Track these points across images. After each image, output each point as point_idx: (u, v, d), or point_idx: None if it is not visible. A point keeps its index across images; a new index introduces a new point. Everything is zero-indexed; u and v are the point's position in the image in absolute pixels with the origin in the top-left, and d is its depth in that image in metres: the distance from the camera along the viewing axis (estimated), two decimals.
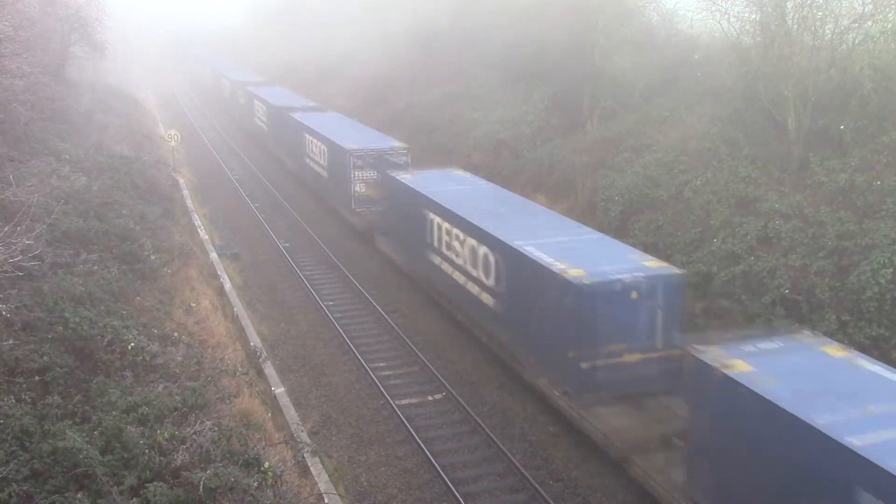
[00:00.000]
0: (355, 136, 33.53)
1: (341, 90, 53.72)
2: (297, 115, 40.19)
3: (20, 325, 14.36)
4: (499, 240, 19.15)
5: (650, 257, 18.02)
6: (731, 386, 11.67)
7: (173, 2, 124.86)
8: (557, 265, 16.85)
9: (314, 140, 36.06)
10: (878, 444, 9.87)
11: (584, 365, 15.99)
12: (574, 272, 16.31)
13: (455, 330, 22.61)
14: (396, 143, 32.23)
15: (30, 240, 14.07)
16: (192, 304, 20.77)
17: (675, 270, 17.28)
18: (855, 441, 9.97)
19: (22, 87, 24.74)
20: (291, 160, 41.61)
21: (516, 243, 18.46)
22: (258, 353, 19.45)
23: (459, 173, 27.10)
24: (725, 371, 11.89)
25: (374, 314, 24.17)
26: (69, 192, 21.91)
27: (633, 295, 16.08)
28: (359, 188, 30.82)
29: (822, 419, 10.48)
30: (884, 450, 9.74)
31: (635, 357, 16.07)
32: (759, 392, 11.25)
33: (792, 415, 10.72)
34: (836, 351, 12.85)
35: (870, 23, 22.02)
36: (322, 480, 14.14)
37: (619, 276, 16.13)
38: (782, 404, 10.92)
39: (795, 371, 11.98)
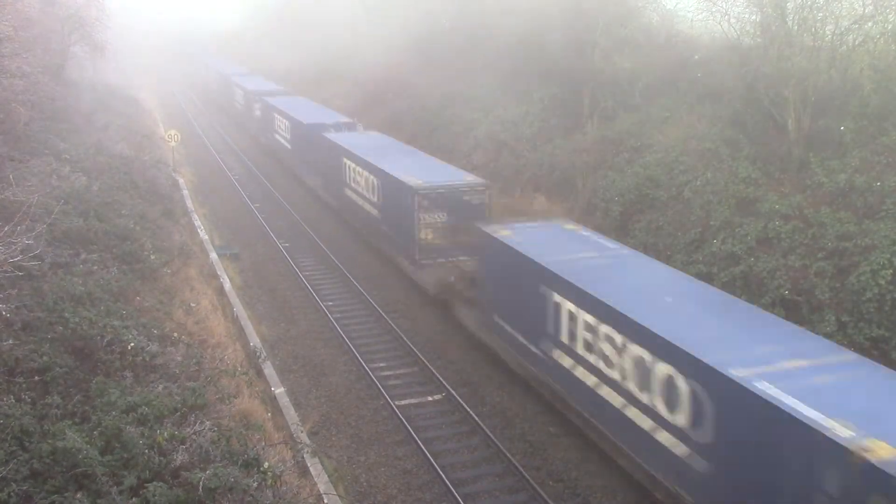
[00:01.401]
0: (415, 167, 27.01)
1: (341, 90, 53.75)
2: (333, 136, 33.85)
3: (20, 325, 14.36)
4: (702, 363, 12.62)
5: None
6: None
7: (173, 2, 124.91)
8: None
9: (358, 168, 29.83)
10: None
11: None
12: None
13: (455, 331, 22.61)
14: (472, 179, 25.75)
15: (30, 239, 14.07)
16: (192, 304, 20.78)
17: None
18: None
19: (22, 86, 24.77)
20: (327, 190, 35.00)
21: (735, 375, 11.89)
22: (258, 354, 19.45)
23: (573, 228, 20.45)
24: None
25: (373, 314, 24.17)
26: (69, 191, 21.92)
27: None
28: (426, 235, 24.50)
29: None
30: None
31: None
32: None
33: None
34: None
35: (870, 24, 22.04)
36: (322, 481, 14.15)
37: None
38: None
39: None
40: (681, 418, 13.00)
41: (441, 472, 15.91)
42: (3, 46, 23.31)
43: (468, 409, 18.35)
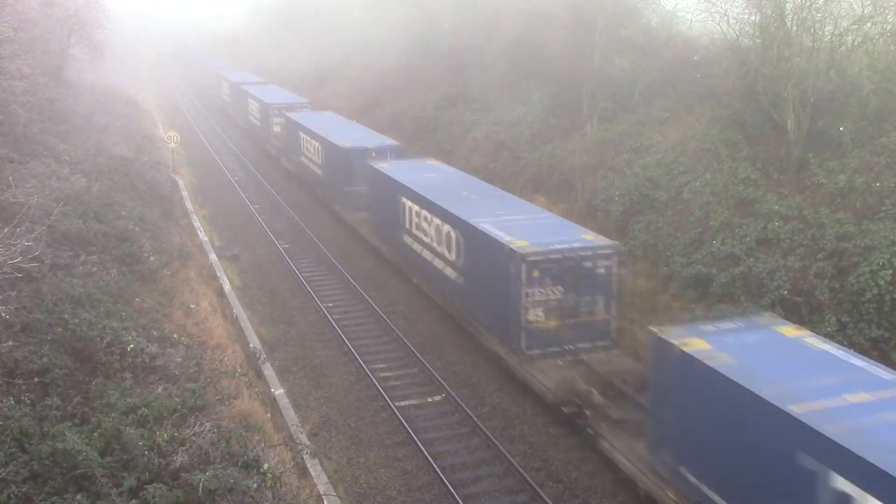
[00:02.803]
0: (511, 221, 20.86)
1: (341, 91, 53.75)
2: (386, 169, 27.24)
3: (20, 327, 14.36)
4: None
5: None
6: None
7: (173, 3, 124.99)
8: None
9: (423, 211, 23.63)
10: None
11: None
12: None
13: (455, 332, 22.60)
14: (596, 240, 19.69)
15: (29, 241, 14.06)
16: (192, 306, 20.78)
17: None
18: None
19: (21, 88, 24.77)
20: (381, 232, 28.17)
21: None
22: (257, 355, 19.45)
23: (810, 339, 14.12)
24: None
25: (373, 315, 24.16)
26: (69, 193, 21.92)
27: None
28: (535, 315, 18.74)
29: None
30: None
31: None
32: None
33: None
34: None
35: (869, 24, 22.04)
36: (321, 482, 14.15)
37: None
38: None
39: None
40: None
41: (441, 474, 15.91)
42: (2, 48, 23.31)
43: (468, 411, 18.34)
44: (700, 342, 13.30)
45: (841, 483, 10.24)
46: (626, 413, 15.90)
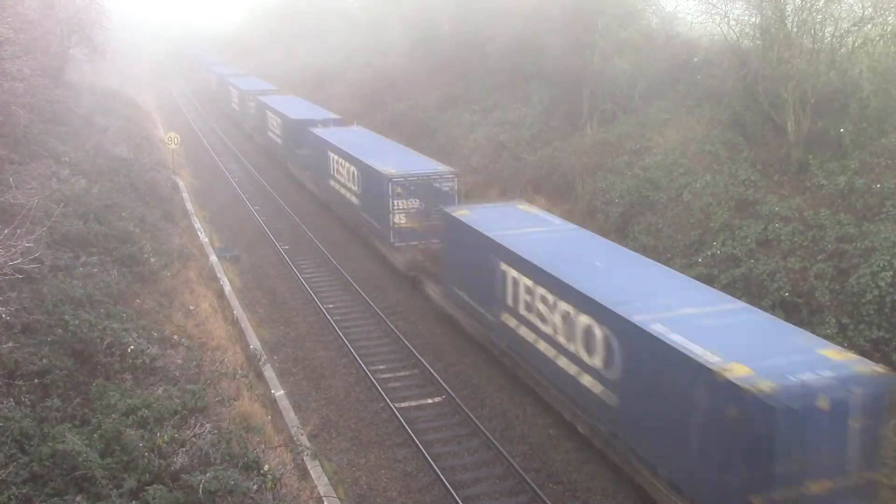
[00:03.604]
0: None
1: (341, 93, 53.78)
2: (470, 220, 20.77)
3: (20, 328, 14.37)
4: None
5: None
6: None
7: (173, 4, 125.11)
8: None
9: (538, 289, 17.52)
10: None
11: None
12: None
13: (455, 333, 22.61)
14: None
15: (30, 242, 14.07)
16: (192, 307, 20.78)
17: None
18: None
19: (22, 89, 24.80)
20: (465, 292, 21.42)
21: None
22: (258, 356, 19.45)
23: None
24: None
25: (373, 317, 24.16)
26: (69, 194, 21.94)
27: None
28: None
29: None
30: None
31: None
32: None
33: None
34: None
35: (869, 26, 22.06)
36: (322, 483, 14.14)
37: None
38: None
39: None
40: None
41: (441, 475, 15.90)
42: (2, 49, 23.32)
43: (468, 412, 18.34)
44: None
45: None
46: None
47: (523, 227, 20.02)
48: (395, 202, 26.35)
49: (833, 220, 19.72)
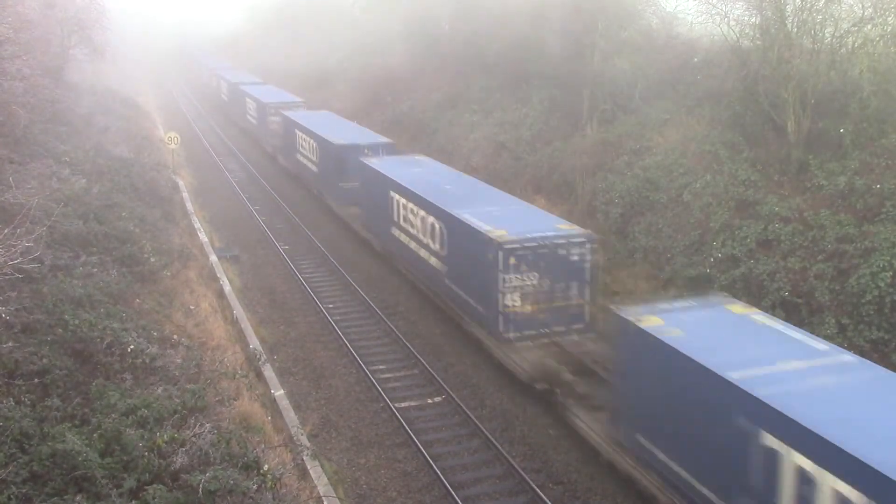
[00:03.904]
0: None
1: (341, 93, 53.78)
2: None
3: (20, 328, 14.36)
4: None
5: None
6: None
7: (173, 5, 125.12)
8: None
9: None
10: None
11: None
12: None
13: (455, 333, 22.61)
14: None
15: (30, 242, 14.06)
16: (192, 307, 20.78)
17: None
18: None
19: (22, 89, 24.79)
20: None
21: None
22: (258, 356, 19.44)
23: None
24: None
25: (373, 317, 24.16)
26: (69, 194, 21.93)
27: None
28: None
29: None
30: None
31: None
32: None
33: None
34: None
35: (869, 26, 22.06)
36: (321, 483, 14.14)
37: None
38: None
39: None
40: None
41: (441, 475, 15.90)
42: (2, 49, 23.33)
43: (468, 412, 18.33)
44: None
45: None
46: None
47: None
48: (508, 277, 19.42)
49: (833, 220, 19.72)
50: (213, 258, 27.09)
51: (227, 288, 24.47)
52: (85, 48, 41.20)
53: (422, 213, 23.65)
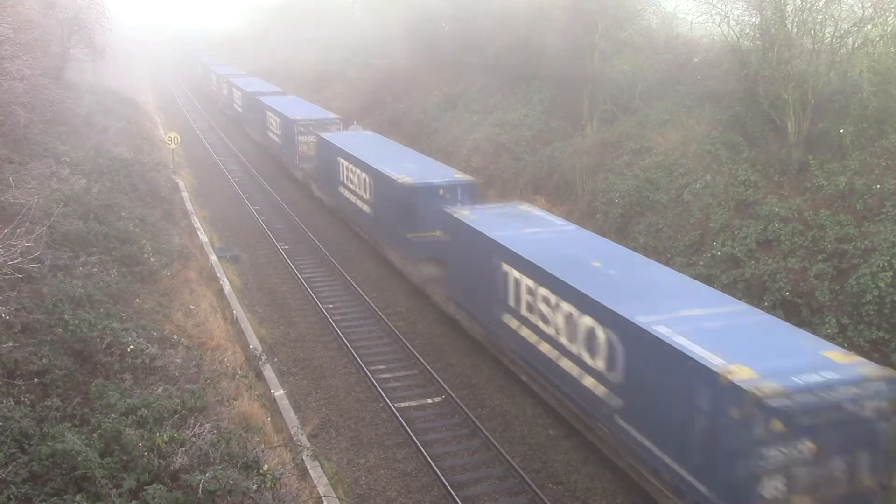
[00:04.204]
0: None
1: (341, 93, 53.78)
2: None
3: (19, 328, 14.35)
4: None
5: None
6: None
7: (173, 4, 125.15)
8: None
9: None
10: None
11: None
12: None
13: (455, 333, 22.60)
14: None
15: (29, 242, 14.06)
16: (192, 307, 20.76)
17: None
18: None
19: (22, 89, 24.77)
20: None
21: None
22: (257, 356, 19.43)
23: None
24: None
25: (373, 317, 24.16)
26: (69, 194, 21.92)
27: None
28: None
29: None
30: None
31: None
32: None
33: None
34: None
35: (869, 26, 22.05)
36: (321, 483, 14.13)
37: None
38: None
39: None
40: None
41: (441, 475, 15.90)
42: (3, 49, 23.32)
43: (468, 412, 18.33)
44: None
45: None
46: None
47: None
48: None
49: (833, 220, 19.71)
50: (213, 258, 27.09)
51: (227, 288, 24.47)
52: (85, 48, 41.15)
53: (577, 314, 16.07)
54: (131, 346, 14.92)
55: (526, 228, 20.29)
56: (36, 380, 13.04)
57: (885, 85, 21.05)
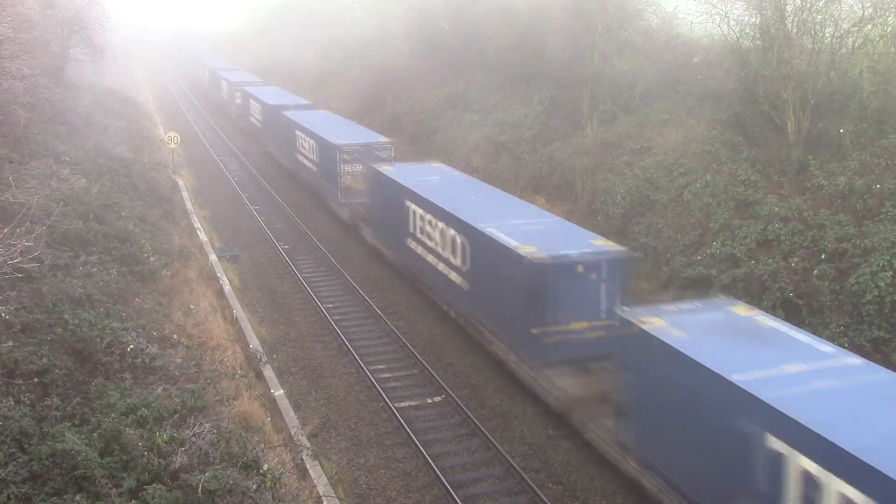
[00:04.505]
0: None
1: (341, 93, 53.78)
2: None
3: (19, 327, 14.35)
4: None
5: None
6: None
7: (173, 4, 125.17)
8: None
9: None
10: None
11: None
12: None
13: (454, 333, 22.59)
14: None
15: (29, 241, 14.06)
16: (192, 306, 20.76)
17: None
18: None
19: (22, 89, 24.76)
20: None
21: None
22: (257, 356, 19.43)
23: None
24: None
25: (373, 316, 24.15)
26: (69, 193, 21.92)
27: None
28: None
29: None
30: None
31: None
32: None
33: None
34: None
35: (869, 26, 22.06)
36: (321, 483, 14.13)
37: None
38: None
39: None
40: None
41: (440, 475, 15.89)
42: (3, 48, 23.33)
43: (468, 412, 18.33)
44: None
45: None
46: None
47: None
48: None
49: (833, 220, 19.73)
50: (213, 258, 27.09)
51: (227, 287, 24.47)
52: (85, 48, 41.17)
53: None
54: (131, 346, 14.92)
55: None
56: (36, 379, 13.04)
57: (885, 85, 21.06)
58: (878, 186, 19.59)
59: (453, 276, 21.83)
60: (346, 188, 31.87)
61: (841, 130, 21.52)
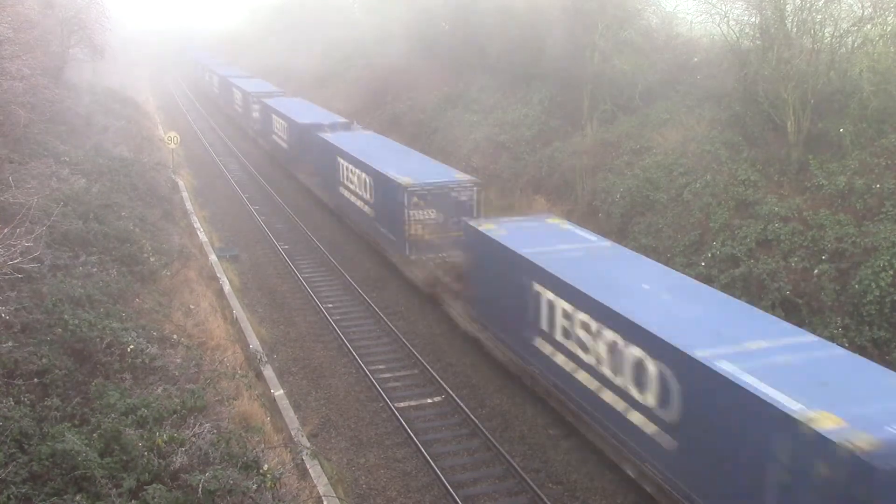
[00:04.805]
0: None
1: (341, 92, 53.77)
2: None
3: (19, 327, 14.35)
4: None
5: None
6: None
7: (173, 4, 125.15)
8: None
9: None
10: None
11: None
12: None
13: (454, 332, 22.59)
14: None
15: (29, 242, 14.06)
16: (192, 307, 20.76)
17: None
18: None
19: (22, 89, 24.76)
20: None
21: None
22: (257, 356, 19.44)
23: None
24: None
25: (373, 316, 24.15)
26: (69, 194, 21.92)
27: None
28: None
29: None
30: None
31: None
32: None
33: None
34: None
35: (869, 26, 22.05)
36: (321, 483, 14.14)
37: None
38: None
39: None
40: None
41: (440, 475, 15.89)
42: (2, 48, 23.32)
43: (468, 412, 18.33)
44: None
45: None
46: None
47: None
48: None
49: (833, 220, 19.72)
50: (213, 258, 27.09)
51: (227, 287, 24.47)
52: (85, 48, 41.15)
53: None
54: (131, 346, 14.92)
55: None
56: (36, 380, 13.05)
57: (885, 84, 21.05)
58: (878, 186, 19.58)
59: (578, 373, 16.49)
60: (416, 240, 25.52)
61: (841, 130, 21.51)
